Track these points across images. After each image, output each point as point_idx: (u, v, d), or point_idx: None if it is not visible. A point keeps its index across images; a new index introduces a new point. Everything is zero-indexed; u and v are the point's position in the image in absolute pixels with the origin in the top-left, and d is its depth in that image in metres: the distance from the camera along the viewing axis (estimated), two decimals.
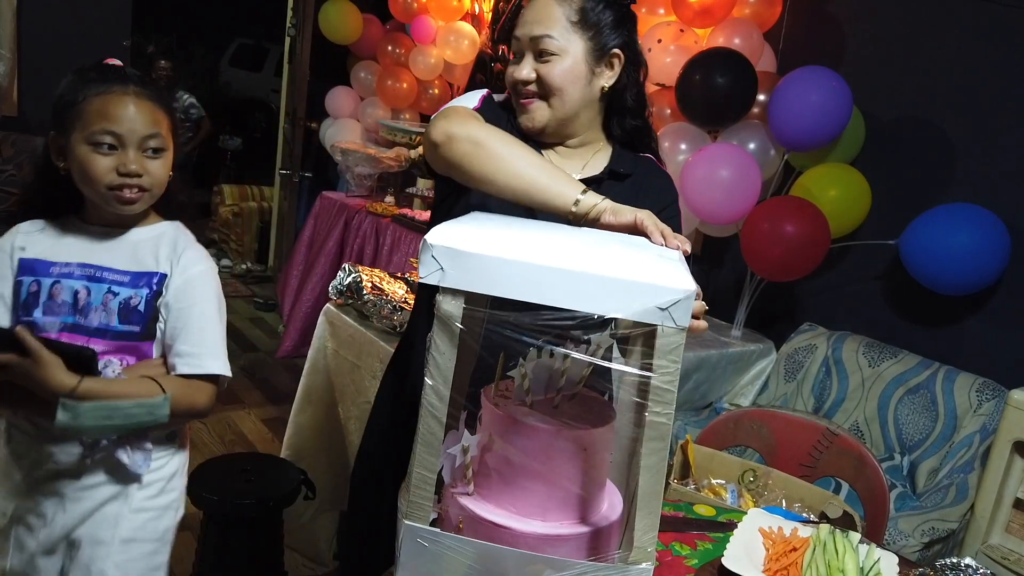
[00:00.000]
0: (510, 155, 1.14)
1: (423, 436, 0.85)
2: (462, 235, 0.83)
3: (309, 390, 2.39)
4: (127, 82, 1.27)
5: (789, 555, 1.19)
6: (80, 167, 1.24)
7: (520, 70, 1.31)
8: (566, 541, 0.90)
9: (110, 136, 1.23)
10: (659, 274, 0.81)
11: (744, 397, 2.86)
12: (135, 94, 1.26)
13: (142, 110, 1.26)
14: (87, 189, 1.26)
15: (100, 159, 1.23)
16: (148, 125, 1.26)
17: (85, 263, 1.28)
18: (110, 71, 1.28)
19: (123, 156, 1.24)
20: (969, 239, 2.32)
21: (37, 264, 1.27)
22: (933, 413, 2.42)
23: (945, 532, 2.09)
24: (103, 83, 1.25)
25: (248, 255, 5.74)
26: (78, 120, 1.23)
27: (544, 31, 1.28)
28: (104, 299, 1.27)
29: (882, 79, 2.78)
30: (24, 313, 1.25)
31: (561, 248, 0.85)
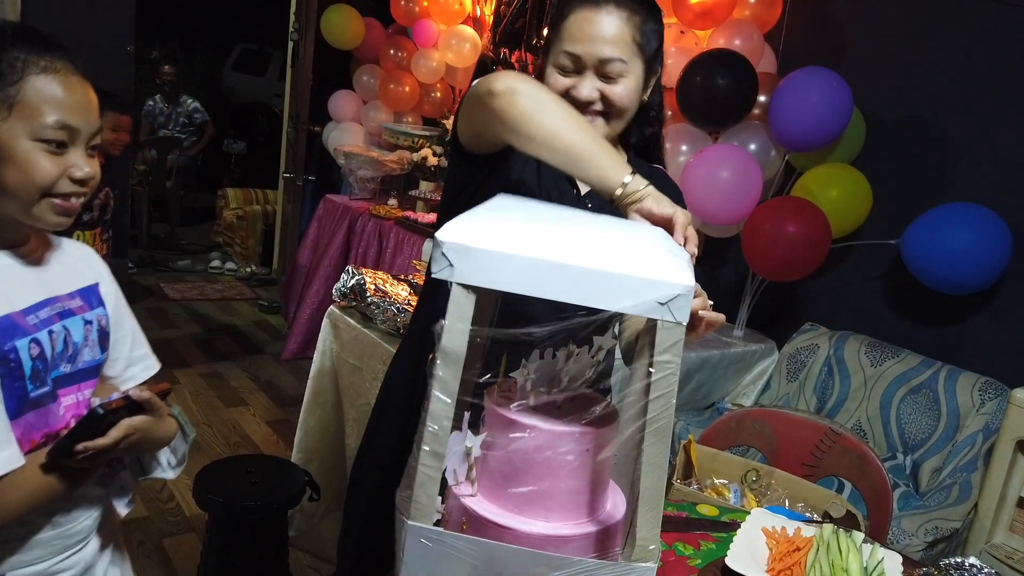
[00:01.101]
0: (569, 122, 1.12)
1: (428, 435, 0.86)
2: (472, 229, 0.83)
3: (317, 392, 2.40)
4: (64, 50, 0.98)
5: (793, 555, 1.19)
6: (19, 169, 0.94)
7: (582, 88, 1.26)
8: (570, 541, 0.90)
9: (64, 131, 0.96)
10: (659, 269, 0.82)
11: (746, 397, 2.86)
12: (78, 70, 0.98)
13: (90, 93, 1.00)
14: (14, 196, 0.96)
15: (50, 160, 0.95)
16: (96, 115, 1.01)
17: (45, 299, 1.02)
18: (35, 31, 0.98)
19: (73, 156, 0.97)
20: (970, 238, 2.33)
21: (10, 321, 0.97)
22: (935, 412, 2.43)
23: (949, 531, 2.09)
24: (40, 52, 0.95)
25: (252, 258, 5.76)
26: (12, 106, 0.93)
27: (616, 54, 1.25)
28: (85, 332, 1.06)
29: (882, 79, 2.78)
30: (36, 385, 0.99)
31: (569, 242, 0.85)
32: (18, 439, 0.98)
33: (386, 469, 1.43)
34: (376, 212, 3.86)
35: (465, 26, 4.20)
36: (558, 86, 1.28)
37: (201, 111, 6.07)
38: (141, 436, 1.03)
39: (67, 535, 1.08)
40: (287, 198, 5.20)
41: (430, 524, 0.88)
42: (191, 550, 2.49)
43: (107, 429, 0.99)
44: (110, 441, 0.99)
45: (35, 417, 1.01)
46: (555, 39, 1.29)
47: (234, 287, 5.49)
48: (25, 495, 0.97)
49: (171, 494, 2.78)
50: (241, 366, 4.06)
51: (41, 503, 1.00)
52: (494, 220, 0.89)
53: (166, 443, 1.12)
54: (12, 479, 0.95)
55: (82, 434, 0.97)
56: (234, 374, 3.95)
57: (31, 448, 1.00)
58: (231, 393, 3.74)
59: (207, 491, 1.99)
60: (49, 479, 0.99)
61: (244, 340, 4.48)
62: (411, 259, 3.35)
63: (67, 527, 1.07)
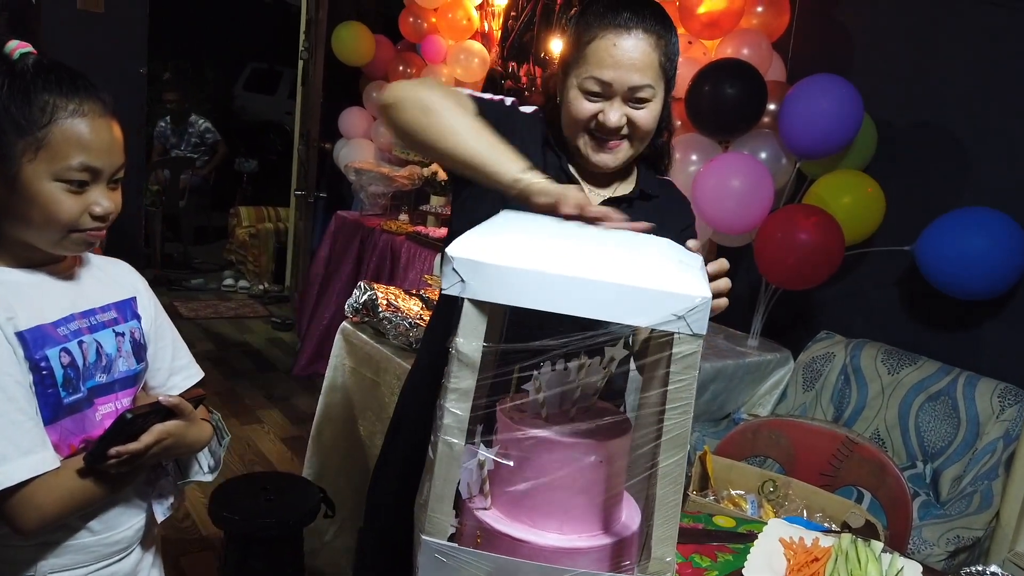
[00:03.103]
0: (457, 127, 1.12)
1: (443, 449, 0.86)
2: (482, 245, 0.83)
3: (328, 408, 2.40)
4: (92, 91, 1.01)
5: (811, 565, 1.18)
6: (42, 208, 0.98)
7: (611, 115, 1.25)
8: (584, 553, 0.90)
9: (87, 172, 0.99)
10: (675, 281, 0.81)
11: (762, 407, 2.84)
12: (105, 111, 1.01)
13: (114, 132, 1.03)
14: (38, 232, 1.01)
15: (71, 199, 0.99)
16: (120, 152, 1.04)
17: (75, 313, 1.06)
18: (65, 72, 1.00)
19: (94, 193, 1.01)
20: (985, 243, 2.31)
21: (41, 331, 1.01)
22: (955, 420, 2.40)
23: (970, 540, 2.06)
24: (69, 94, 0.98)
25: (265, 276, 5.79)
26: (39, 149, 0.96)
27: (646, 80, 1.24)
28: (117, 343, 1.10)
29: (892, 84, 2.77)
30: (69, 391, 1.02)
31: (581, 255, 0.84)
32: (55, 444, 1.01)
33: (403, 484, 1.43)
34: (387, 227, 3.87)
35: (473, 41, 4.23)
36: (585, 111, 1.27)
37: (212, 131, 6.12)
38: (174, 440, 1.06)
39: (106, 543, 1.10)
40: (299, 215, 5.23)
41: (444, 539, 0.88)
42: (207, 568, 2.49)
43: (139, 434, 1.01)
44: (142, 446, 1.01)
45: (72, 423, 1.04)
46: (580, 61, 1.27)
47: (247, 305, 5.52)
48: (59, 498, 0.99)
49: (187, 512, 2.79)
50: (255, 384, 4.08)
51: (77, 506, 1.02)
52: (504, 235, 0.89)
53: (200, 447, 1.15)
54: (45, 481, 0.99)
55: (114, 439, 1.00)
56: (248, 392, 3.96)
57: (71, 453, 1.04)
58: (246, 411, 3.75)
59: (223, 509, 1.99)
60: (85, 483, 1.01)
61: (258, 358, 4.49)
62: (423, 274, 3.36)
63: (106, 535, 1.09)
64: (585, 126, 1.29)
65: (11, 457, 0.96)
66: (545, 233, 0.94)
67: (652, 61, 1.24)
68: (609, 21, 1.24)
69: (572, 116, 1.29)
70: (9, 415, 0.96)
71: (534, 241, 0.88)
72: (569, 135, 1.33)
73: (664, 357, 0.85)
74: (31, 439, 0.98)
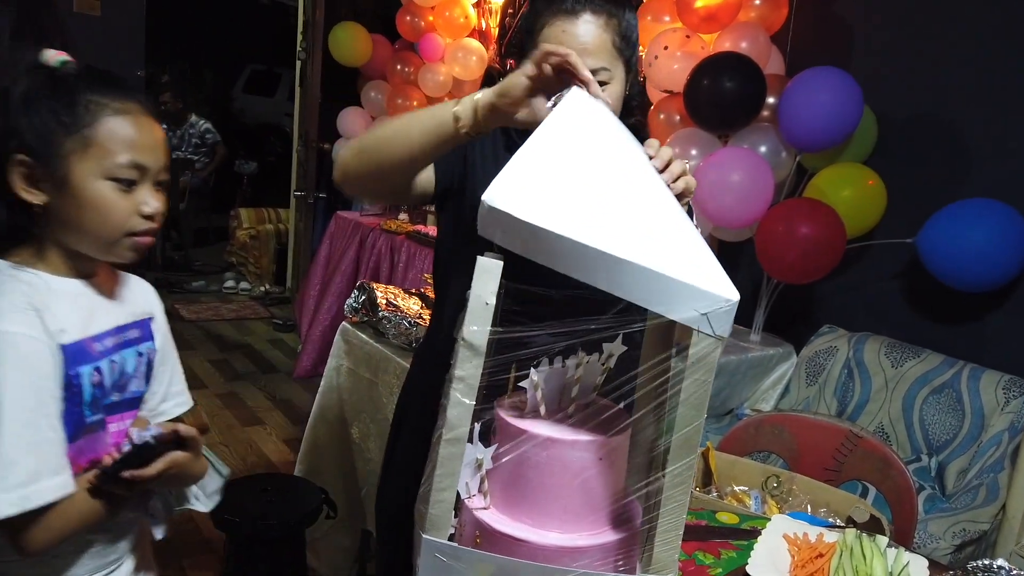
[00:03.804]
0: (386, 132, 1.16)
1: (444, 448, 0.84)
2: (522, 194, 0.80)
3: (324, 408, 2.39)
4: (132, 91, 1.01)
5: (815, 561, 1.17)
6: (94, 208, 0.97)
7: None
8: (585, 552, 0.89)
9: (136, 170, 0.99)
10: (706, 276, 0.78)
11: (766, 402, 2.82)
12: (146, 110, 1.01)
13: (157, 131, 1.03)
14: (90, 236, 0.99)
15: (122, 199, 0.98)
16: (164, 151, 1.04)
17: (110, 329, 1.05)
18: (106, 74, 1.01)
19: (142, 193, 1.00)
20: (988, 234, 2.29)
21: (81, 347, 0.99)
22: (959, 412, 2.38)
23: (977, 533, 2.05)
24: (110, 94, 0.98)
25: (266, 277, 5.79)
26: (87, 147, 0.95)
27: (599, 63, 1.21)
28: (137, 363, 1.09)
29: (892, 76, 2.76)
30: (93, 411, 1.01)
31: (620, 222, 0.81)
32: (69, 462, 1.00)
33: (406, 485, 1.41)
34: (387, 227, 3.86)
35: (471, 39, 4.21)
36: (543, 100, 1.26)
37: (212, 131, 6.11)
38: (179, 471, 1.05)
39: (103, 553, 1.09)
40: (299, 216, 5.23)
41: (444, 538, 0.87)
42: (210, 571, 2.49)
43: (152, 461, 1.00)
44: (153, 472, 1.00)
45: (86, 443, 1.03)
46: (531, 51, 1.23)
47: (248, 306, 5.51)
48: (68, 520, 0.98)
49: (189, 515, 2.78)
50: (257, 385, 4.07)
51: (82, 528, 1.01)
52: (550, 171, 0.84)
53: (198, 480, 1.14)
54: (60, 503, 0.96)
55: (131, 463, 0.99)
56: (250, 393, 3.95)
57: (76, 473, 1.01)
58: (247, 412, 3.75)
59: (224, 511, 1.98)
60: (93, 504, 1.00)
61: (259, 359, 4.49)
62: (422, 272, 3.35)
63: (102, 547, 1.08)
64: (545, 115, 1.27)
65: (43, 476, 0.94)
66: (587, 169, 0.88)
67: (604, 42, 1.22)
68: (557, 7, 1.22)
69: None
70: (44, 432, 0.95)
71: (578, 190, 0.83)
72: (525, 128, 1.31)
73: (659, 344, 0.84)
74: (59, 459, 0.96)
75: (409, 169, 1.22)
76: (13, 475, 0.91)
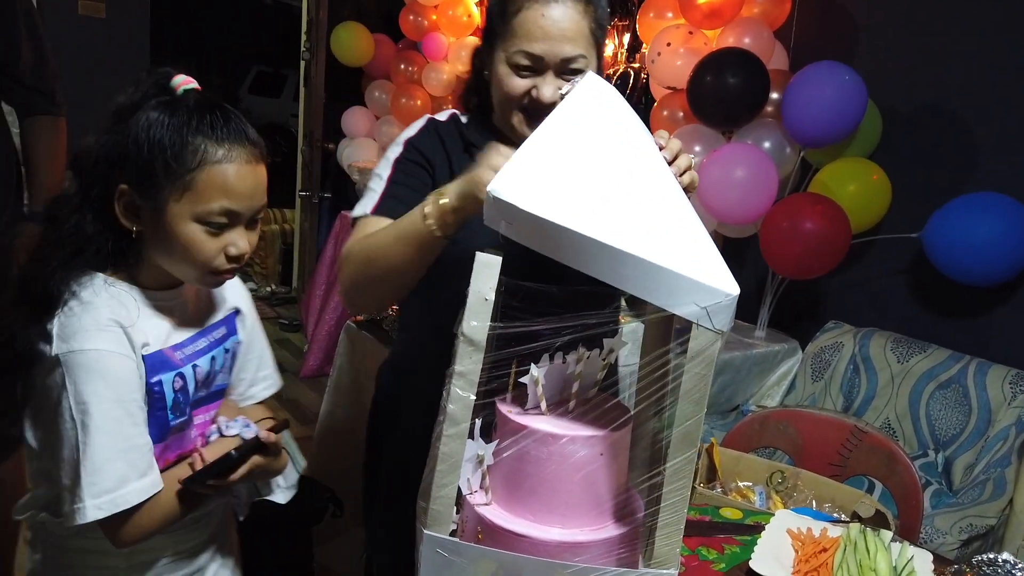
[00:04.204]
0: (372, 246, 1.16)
1: (445, 444, 0.85)
2: (529, 184, 0.79)
3: (333, 409, 2.40)
4: (243, 136, 1.02)
5: (819, 556, 1.17)
6: (182, 246, 1.01)
7: (545, 90, 1.20)
8: (587, 548, 0.89)
9: (226, 216, 1.01)
10: (709, 271, 0.78)
11: (771, 398, 2.82)
12: (253, 157, 1.03)
13: (258, 176, 1.05)
14: (178, 266, 1.04)
15: (210, 241, 1.01)
16: (262, 195, 1.06)
17: (195, 334, 1.10)
18: (221, 114, 1.02)
19: (233, 236, 1.03)
20: (994, 228, 2.28)
21: (162, 356, 1.05)
22: (966, 407, 2.37)
23: (984, 528, 2.04)
24: (220, 139, 1.00)
25: (272, 277, 5.80)
26: (186, 191, 0.99)
27: (578, 51, 1.19)
28: (224, 360, 1.15)
29: (896, 70, 2.74)
30: (177, 415, 1.06)
31: (624, 214, 0.80)
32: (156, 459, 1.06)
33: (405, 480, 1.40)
34: None
35: (474, 37, 4.22)
36: (517, 88, 1.22)
37: None
38: (262, 472, 1.12)
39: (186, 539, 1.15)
40: (304, 216, 5.24)
41: (446, 534, 0.87)
42: None
43: (237, 466, 1.06)
44: (236, 478, 1.07)
45: (173, 440, 1.09)
46: (506, 35, 1.21)
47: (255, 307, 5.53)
48: (157, 517, 1.04)
49: None
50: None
51: (169, 524, 1.06)
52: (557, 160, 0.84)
53: (278, 474, 1.19)
54: (149, 503, 1.02)
55: (216, 472, 1.05)
56: None
57: (165, 467, 1.07)
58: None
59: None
60: (179, 503, 1.06)
61: None
62: None
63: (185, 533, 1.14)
64: (518, 103, 1.23)
65: (130, 480, 1.00)
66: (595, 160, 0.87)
67: (583, 29, 1.19)
68: None
69: (504, 93, 1.24)
70: (133, 439, 1.00)
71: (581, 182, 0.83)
72: (502, 113, 1.28)
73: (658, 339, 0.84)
74: (147, 462, 1.02)
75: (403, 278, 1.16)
76: (102, 482, 0.97)
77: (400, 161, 1.30)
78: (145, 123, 0.99)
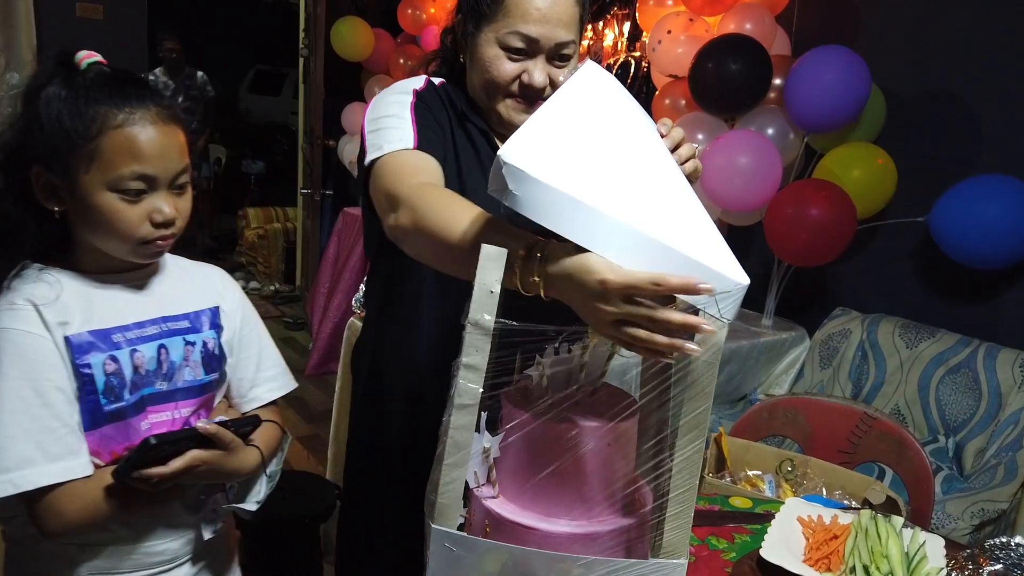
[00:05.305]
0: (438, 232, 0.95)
1: (451, 437, 0.83)
2: (540, 155, 0.77)
3: (343, 407, 2.40)
4: (146, 99, 0.99)
5: (830, 543, 1.15)
6: (103, 219, 0.99)
7: (536, 75, 1.17)
8: (596, 539, 0.88)
9: (141, 181, 0.98)
10: (719, 259, 0.77)
11: (779, 387, 2.80)
12: (159, 117, 1.00)
13: (170, 137, 1.01)
14: (106, 241, 1.02)
15: (129, 209, 0.99)
16: (180, 156, 1.02)
17: (144, 320, 1.06)
18: (119, 81, 0.99)
19: (155, 200, 1.00)
20: (1000, 210, 2.26)
21: (94, 337, 1.00)
22: (976, 392, 2.36)
23: (996, 513, 2.03)
24: (119, 104, 0.97)
25: (276, 276, 5.80)
26: (92, 160, 0.96)
27: (570, 36, 1.17)
28: (185, 352, 1.08)
29: (900, 54, 2.72)
30: (110, 400, 1.01)
31: (634, 195, 0.79)
32: (95, 451, 1.01)
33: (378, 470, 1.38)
34: None
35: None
36: (508, 72, 1.17)
37: (210, 87, 5.77)
38: (209, 468, 1.03)
39: (149, 553, 1.08)
40: (306, 214, 5.23)
41: (454, 527, 0.86)
42: None
43: (170, 457, 0.99)
44: (169, 471, 0.99)
45: (114, 430, 1.03)
46: (499, 14, 1.16)
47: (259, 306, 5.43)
48: (83, 507, 0.99)
49: None
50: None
51: (105, 517, 1.01)
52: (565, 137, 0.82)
53: (241, 476, 1.11)
54: (71, 489, 0.98)
55: (138, 461, 0.98)
56: None
57: (112, 460, 1.03)
58: None
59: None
60: (114, 495, 1.00)
61: None
62: None
63: (149, 544, 1.08)
64: (506, 89, 1.19)
65: (36, 462, 0.96)
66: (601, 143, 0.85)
67: (575, 15, 1.17)
68: None
69: (492, 77, 1.19)
70: (43, 420, 0.96)
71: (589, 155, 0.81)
72: (485, 98, 1.22)
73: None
74: (61, 446, 0.97)
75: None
76: (3, 460, 0.94)
77: (418, 108, 1.19)
78: (45, 100, 0.97)
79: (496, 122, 1.24)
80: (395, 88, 1.24)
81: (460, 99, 1.25)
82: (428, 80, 1.27)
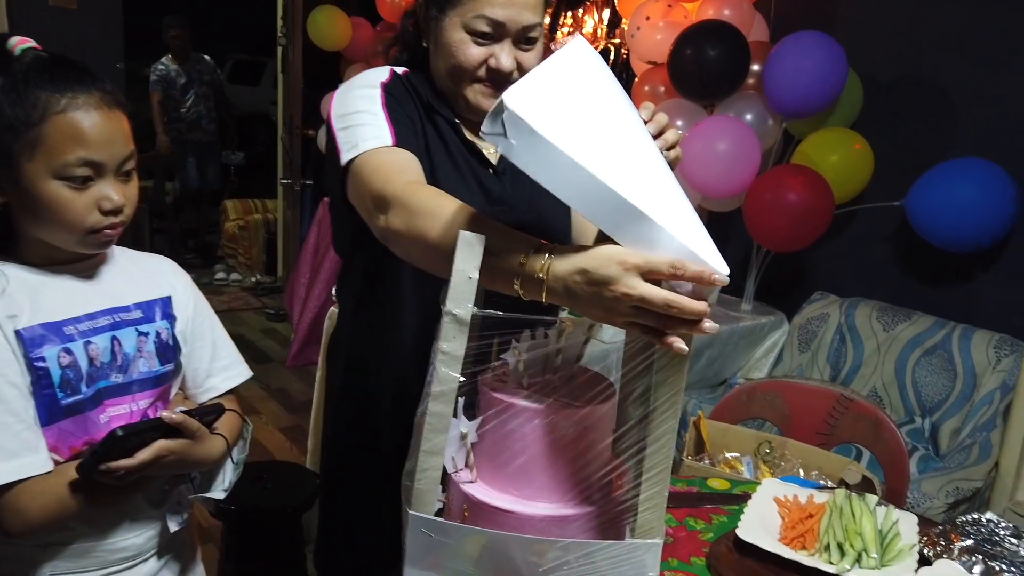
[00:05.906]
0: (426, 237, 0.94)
1: (429, 423, 0.84)
2: (543, 105, 0.75)
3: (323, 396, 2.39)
4: (88, 83, 0.97)
5: (805, 522, 1.17)
6: (49, 208, 0.96)
7: (503, 59, 1.15)
8: (573, 521, 0.88)
9: (87, 167, 0.96)
10: (700, 246, 0.76)
11: (759, 371, 2.83)
12: (103, 101, 0.97)
13: (115, 122, 0.99)
14: (52, 232, 0.99)
15: (76, 197, 0.96)
16: (126, 142, 1.00)
17: (95, 311, 1.03)
18: (58, 66, 0.97)
19: (102, 188, 0.98)
20: (975, 194, 2.28)
21: (46, 330, 0.98)
22: (951, 373, 2.39)
23: (970, 491, 2.06)
24: (60, 89, 0.94)
25: (257, 267, 5.76)
26: (35, 148, 0.94)
27: (536, 18, 1.15)
28: (138, 343, 1.06)
29: (876, 39, 2.74)
30: (67, 393, 0.99)
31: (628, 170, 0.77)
32: (53, 446, 0.99)
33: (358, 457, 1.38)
34: None
35: None
36: (474, 57, 1.16)
37: (218, 70, 5.80)
38: (176, 458, 1.02)
39: (113, 550, 1.06)
40: (287, 204, 5.20)
41: (431, 513, 0.86)
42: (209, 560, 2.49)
43: (136, 449, 0.97)
44: (136, 463, 0.97)
45: (72, 424, 1.00)
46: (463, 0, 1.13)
47: (240, 298, 5.48)
48: (44, 504, 0.97)
49: None
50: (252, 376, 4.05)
51: (68, 514, 0.99)
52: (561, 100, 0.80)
53: (208, 464, 1.10)
54: (31, 486, 0.96)
55: (106, 454, 0.96)
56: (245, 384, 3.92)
57: (71, 455, 1.00)
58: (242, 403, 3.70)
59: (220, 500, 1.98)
60: (77, 491, 0.98)
61: (253, 350, 4.47)
62: None
63: (111, 541, 1.06)
64: (473, 74, 1.17)
65: None
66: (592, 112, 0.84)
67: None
68: None
69: (458, 62, 1.17)
70: None
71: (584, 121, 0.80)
72: (451, 84, 1.20)
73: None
74: (18, 442, 0.95)
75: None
76: None
77: (389, 104, 1.16)
78: None
79: (463, 108, 1.22)
80: (359, 82, 1.21)
81: (425, 89, 1.23)
82: (392, 72, 1.23)
